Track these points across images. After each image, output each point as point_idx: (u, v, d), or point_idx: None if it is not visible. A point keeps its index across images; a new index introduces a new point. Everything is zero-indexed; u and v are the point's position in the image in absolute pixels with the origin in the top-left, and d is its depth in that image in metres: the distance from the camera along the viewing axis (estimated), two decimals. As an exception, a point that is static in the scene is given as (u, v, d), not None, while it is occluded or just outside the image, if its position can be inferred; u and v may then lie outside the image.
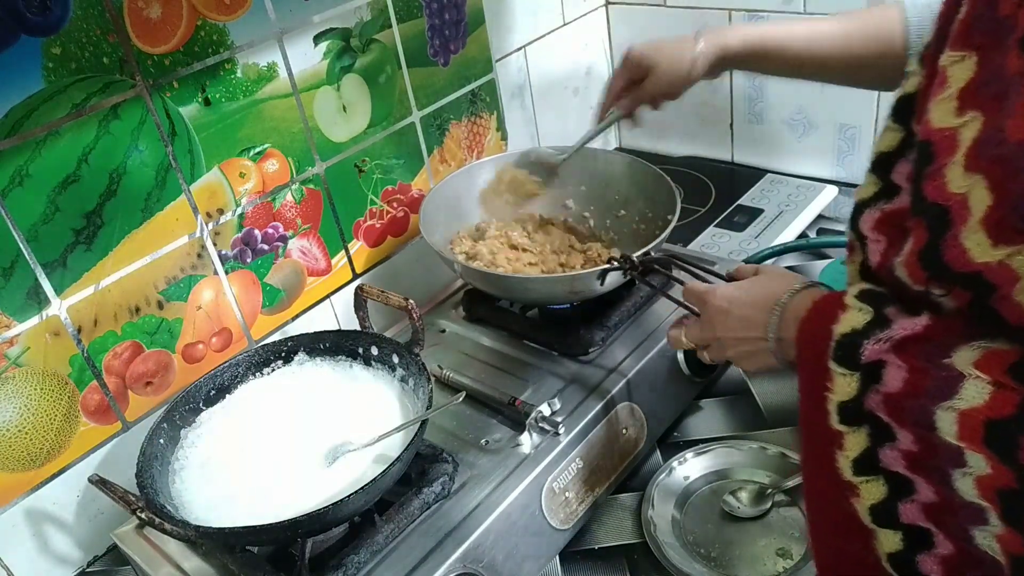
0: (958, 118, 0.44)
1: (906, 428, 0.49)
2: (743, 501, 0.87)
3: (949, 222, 0.44)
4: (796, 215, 1.27)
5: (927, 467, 0.48)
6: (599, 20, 1.47)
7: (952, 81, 0.45)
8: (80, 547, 0.94)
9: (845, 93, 1.26)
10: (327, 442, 0.81)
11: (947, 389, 0.45)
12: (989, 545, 0.46)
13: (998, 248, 0.42)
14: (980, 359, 0.45)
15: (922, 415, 0.47)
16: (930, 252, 0.46)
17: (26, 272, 0.82)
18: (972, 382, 0.45)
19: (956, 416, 0.45)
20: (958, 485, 0.46)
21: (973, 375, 0.45)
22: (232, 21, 0.91)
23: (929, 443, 0.47)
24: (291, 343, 0.91)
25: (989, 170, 0.42)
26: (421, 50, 1.13)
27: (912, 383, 0.47)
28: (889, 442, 0.50)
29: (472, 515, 0.77)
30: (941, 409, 0.46)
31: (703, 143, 1.49)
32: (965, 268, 0.43)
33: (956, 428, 0.45)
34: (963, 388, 0.45)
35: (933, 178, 0.45)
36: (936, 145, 0.45)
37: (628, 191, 1.12)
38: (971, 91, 0.44)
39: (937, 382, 0.46)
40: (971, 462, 0.45)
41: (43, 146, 0.80)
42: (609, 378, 0.90)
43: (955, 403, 0.45)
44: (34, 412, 0.85)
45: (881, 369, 0.49)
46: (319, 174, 1.06)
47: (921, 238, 0.46)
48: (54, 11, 0.78)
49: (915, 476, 0.49)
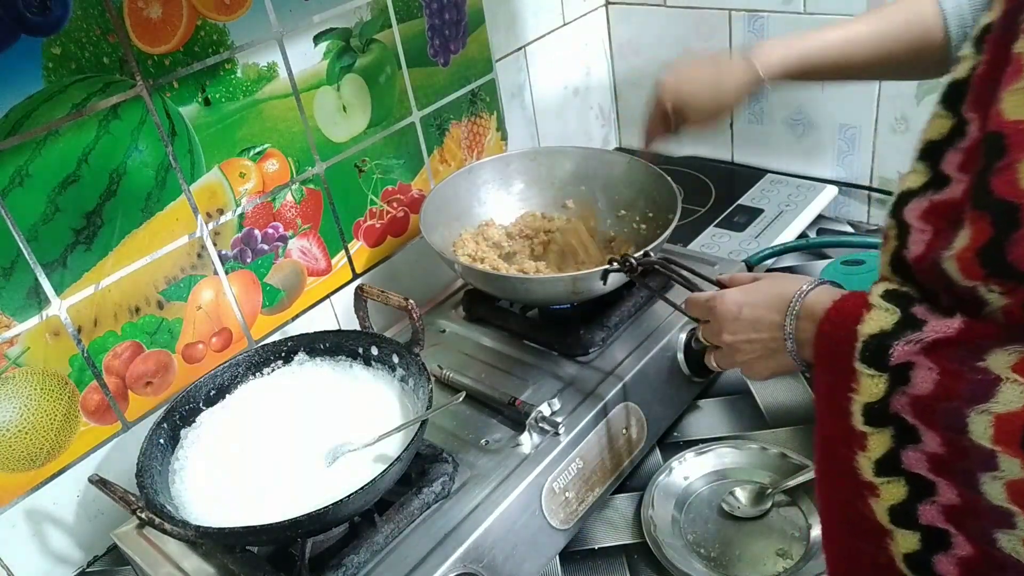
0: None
1: (934, 430, 0.48)
2: (743, 501, 0.87)
3: (1018, 221, 0.42)
4: (796, 215, 1.27)
5: (952, 470, 0.48)
6: (599, 20, 1.47)
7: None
8: (80, 547, 0.94)
9: (845, 93, 1.27)
10: (327, 442, 0.81)
11: (982, 392, 0.45)
12: (1014, 548, 0.46)
13: None
14: (1018, 363, 0.44)
15: (954, 418, 0.46)
16: (993, 249, 0.44)
17: (26, 272, 0.82)
18: (1009, 386, 0.44)
19: (992, 419, 0.44)
20: (985, 489, 0.46)
21: (1011, 379, 0.44)
22: (232, 21, 0.91)
23: (958, 446, 0.47)
24: (291, 343, 0.91)
25: None
26: (421, 50, 1.13)
27: (944, 385, 0.47)
28: (913, 444, 0.49)
29: (472, 515, 0.77)
30: (975, 412, 0.45)
31: (703, 143, 1.49)
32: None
33: (992, 432, 0.44)
34: (1000, 392, 0.44)
35: (1003, 173, 0.43)
36: (1009, 138, 0.43)
37: (628, 191, 1.12)
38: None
39: (972, 385, 0.45)
40: (1004, 466, 0.44)
41: (43, 146, 0.80)
42: (609, 378, 0.90)
43: (991, 407, 0.44)
44: (34, 412, 0.85)
45: (909, 371, 0.48)
46: (319, 174, 1.06)
47: (984, 233, 0.45)
48: (54, 11, 0.78)
49: (938, 479, 0.49)
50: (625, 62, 1.51)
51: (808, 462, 0.88)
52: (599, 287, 0.92)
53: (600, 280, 0.89)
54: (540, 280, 0.97)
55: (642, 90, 1.52)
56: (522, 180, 1.17)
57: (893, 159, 1.27)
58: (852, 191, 1.33)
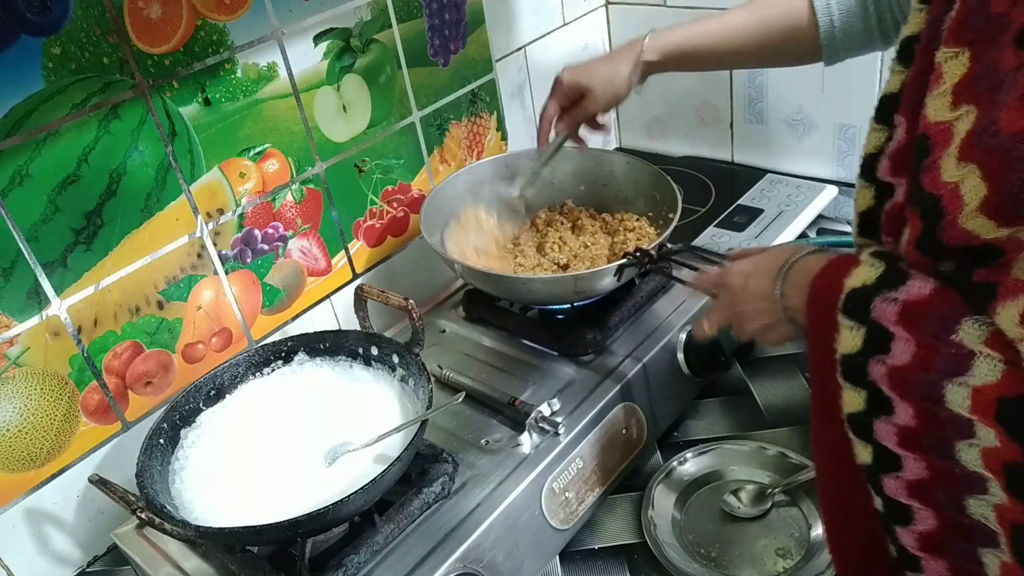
0: (952, 112, 0.46)
1: (908, 402, 0.49)
2: (743, 501, 0.87)
3: (941, 210, 0.46)
4: (796, 215, 1.27)
5: (922, 444, 0.49)
6: (599, 20, 1.47)
7: (947, 76, 0.47)
8: (80, 547, 0.94)
9: (845, 93, 1.27)
10: (327, 442, 0.81)
11: (958, 366, 0.46)
12: (983, 514, 0.47)
13: (1003, 228, 0.43)
14: (989, 336, 0.45)
15: (931, 389, 0.48)
16: (926, 238, 0.47)
17: (26, 272, 0.82)
18: (983, 360, 0.45)
19: (969, 391, 0.46)
20: (961, 455, 0.47)
21: (984, 353, 0.45)
22: (232, 21, 0.91)
23: (934, 417, 0.48)
24: (291, 343, 0.91)
25: (983, 160, 0.43)
26: (421, 50, 1.13)
27: (921, 357, 0.48)
28: (885, 415, 0.51)
29: (472, 515, 0.77)
30: (953, 384, 0.47)
31: (703, 143, 1.49)
32: (972, 243, 0.45)
33: (969, 402, 0.46)
34: (975, 365, 0.46)
35: (929, 170, 0.47)
36: (932, 138, 0.47)
37: (628, 191, 1.12)
38: (965, 86, 0.46)
39: (947, 359, 0.47)
40: (980, 434, 0.46)
41: (43, 146, 0.80)
42: (609, 378, 0.90)
43: (968, 379, 0.46)
44: (34, 412, 0.85)
45: (889, 341, 0.49)
46: (319, 174, 1.06)
47: (916, 228, 0.48)
48: (54, 11, 0.78)
49: (905, 453, 0.50)
50: (625, 62, 1.51)
51: (808, 462, 0.88)
52: (601, 286, 0.92)
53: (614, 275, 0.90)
54: (543, 280, 0.97)
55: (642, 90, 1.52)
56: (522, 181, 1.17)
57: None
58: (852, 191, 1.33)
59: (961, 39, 0.47)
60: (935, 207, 0.46)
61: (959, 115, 0.46)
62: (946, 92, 0.47)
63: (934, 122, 0.47)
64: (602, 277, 0.92)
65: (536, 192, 1.10)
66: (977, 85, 0.45)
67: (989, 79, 0.45)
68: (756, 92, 1.37)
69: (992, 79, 0.44)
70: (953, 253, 0.47)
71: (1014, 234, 0.43)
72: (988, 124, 0.43)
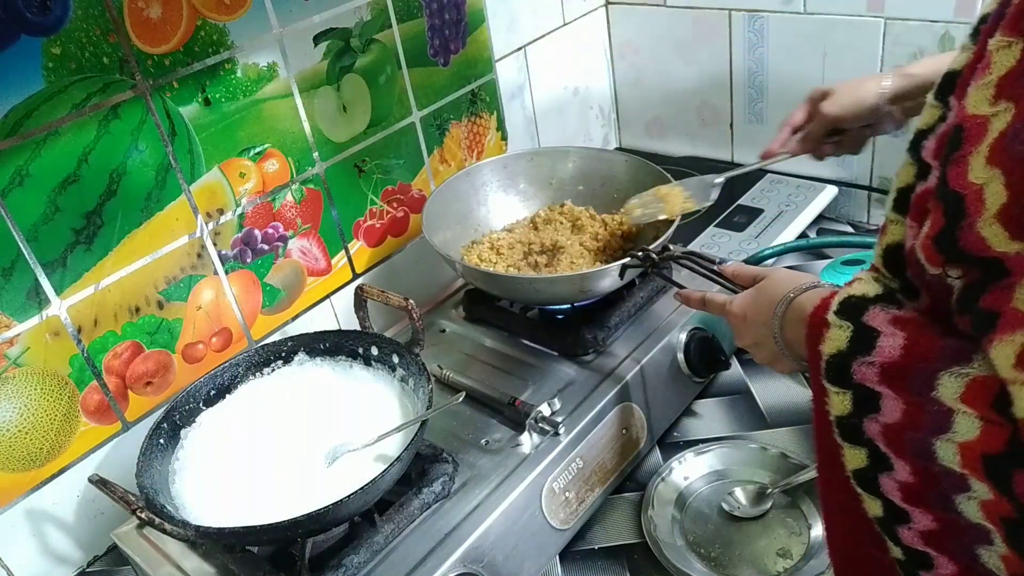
0: (992, 107, 0.43)
1: (904, 459, 0.49)
2: (743, 501, 0.87)
3: (964, 211, 0.43)
4: (796, 215, 1.27)
5: (925, 498, 0.49)
6: (599, 20, 1.47)
7: (995, 67, 0.43)
8: (80, 547, 0.94)
9: (845, 93, 1.26)
10: (327, 442, 0.81)
11: (942, 424, 0.46)
12: (995, 564, 0.47)
13: (1013, 242, 0.41)
14: (965, 392, 0.44)
15: (922, 446, 0.47)
16: (946, 236, 0.45)
17: (26, 272, 0.82)
18: (962, 417, 0.45)
19: (956, 447, 0.45)
20: (963, 508, 0.46)
21: (961, 410, 0.45)
22: (232, 21, 0.91)
23: (929, 473, 0.47)
24: (291, 343, 0.91)
25: (1008, 167, 0.41)
26: (421, 50, 1.13)
27: (910, 415, 0.48)
28: (887, 471, 0.50)
29: (472, 515, 0.77)
30: (941, 440, 0.46)
31: (703, 143, 1.49)
32: (984, 253, 0.43)
33: (958, 458, 0.45)
34: (955, 423, 0.45)
35: (957, 164, 0.44)
36: (967, 131, 0.44)
37: (629, 190, 1.12)
38: (1010, 80, 0.43)
39: (932, 416, 0.46)
40: (974, 487, 0.45)
41: (43, 146, 0.80)
42: (609, 378, 0.90)
43: (952, 436, 0.45)
44: (34, 412, 0.85)
45: (878, 400, 0.49)
46: (319, 174, 1.06)
47: (938, 222, 0.46)
48: (54, 11, 0.77)
49: (911, 508, 0.50)
50: (625, 62, 1.51)
51: (808, 462, 0.88)
52: (603, 286, 0.92)
53: (618, 275, 0.90)
54: (547, 279, 0.97)
55: (642, 90, 1.52)
56: (524, 180, 1.18)
57: (893, 159, 1.27)
58: (852, 191, 1.33)
59: (1017, 28, 0.43)
60: (959, 206, 0.44)
61: (997, 111, 0.43)
62: (990, 84, 0.43)
63: (972, 114, 0.44)
64: (604, 277, 0.92)
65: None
66: (1021, 81, 0.42)
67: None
68: (756, 92, 1.37)
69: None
70: (965, 260, 0.45)
71: (1023, 251, 0.41)
72: (1020, 128, 0.41)
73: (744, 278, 0.74)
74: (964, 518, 0.47)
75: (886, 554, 0.53)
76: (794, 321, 0.63)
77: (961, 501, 0.46)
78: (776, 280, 0.68)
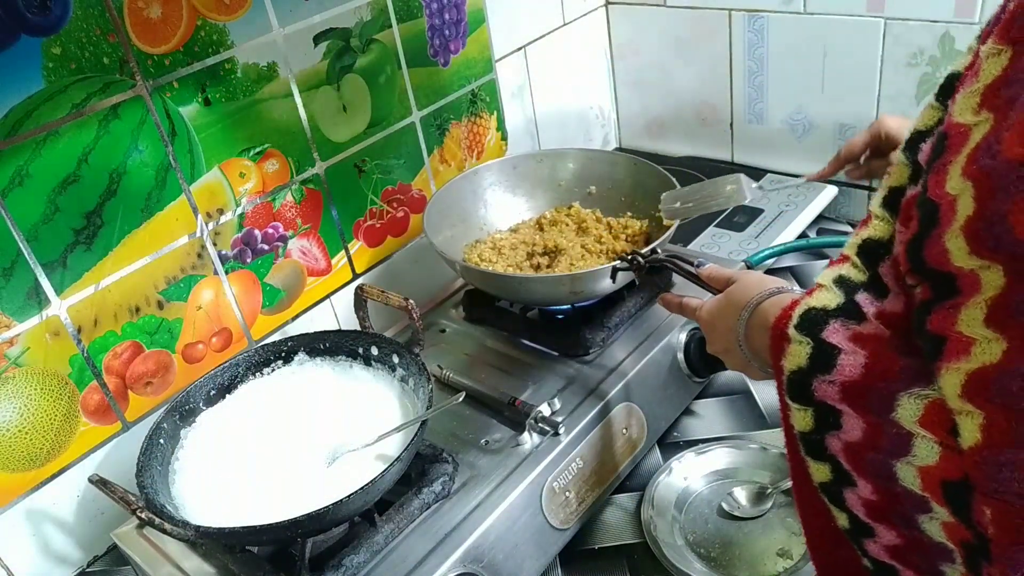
0: (975, 116, 0.42)
1: (865, 478, 0.49)
2: (743, 501, 0.87)
3: (937, 221, 0.43)
4: (796, 215, 1.27)
5: (887, 515, 0.49)
6: (599, 20, 1.47)
7: (983, 75, 0.43)
8: (80, 547, 0.94)
9: (845, 93, 1.27)
10: (327, 442, 0.81)
11: (902, 447, 0.45)
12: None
13: (972, 257, 0.41)
14: (923, 416, 0.44)
15: (882, 467, 0.47)
16: (915, 245, 0.45)
17: (26, 272, 0.82)
18: (921, 441, 0.44)
19: (916, 471, 0.45)
20: (925, 527, 0.46)
21: (920, 434, 0.44)
22: (232, 21, 0.91)
23: (891, 492, 0.47)
24: (291, 343, 0.91)
25: (977, 179, 0.41)
26: (421, 50, 1.13)
27: (870, 436, 0.48)
28: (850, 487, 0.50)
29: (472, 515, 0.77)
30: (901, 463, 0.46)
31: (703, 143, 1.49)
32: (942, 267, 0.43)
33: (919, 481, 0.45)
34: (915, 447, 0.45)
35: (938, 172, 0.44)
36: (950, 139, 0.44)
37: (633, 192, 1.12)
38: (994, 89, 0.42)
39: (891, 439, 0.46)
40: (936, 510, 0.45)
41: (43, 146, 0.80)
42: (609, 378, 0.90)
43: (912, 460, 0.45)
44: (34, 412, 0.85)
45: (839, 417, 0.49)
46: (319, 174, 1.06)
47: (913, 230, 0.46)
48: (54, 11, 0.78)
49: (875, 524, 0.50)
50: (625, 62, 1.51)
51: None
52: (599, 287, 0.92)
53: (609, 278, 0.90)
54: (540, 280, 0.97)
55: (642, 90, 1.52)
56: (526, 182, 1.17)
57: (893, 159, 1.26)
58: (852, 191, 1.33)
59: (1007, 36, 0.42)
60: (933, 216, 0.43)
61: (979, 121, 0.42)
62: (976, 92, 0.43)
63: (956, 122, 0.43)
64: (598, 278, 0.91)
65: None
66: (1002, 92, 0.42)
67: (1015, 87, 0.41)
68: (756, 92, 1.37)
69: (1016, 88, 0.41)
70: (923, 272, 0.45)
71: (977, 270, 0.40)
72: (994, 141, 0.40)
73: (718, 281, 0.73)
74: (927, 536, 0.47)
75: (860, 557, 0.53)
76: (758, 328, 0.62)
77: (924, 521, 0.46)
78: (743, 285, 0.67)
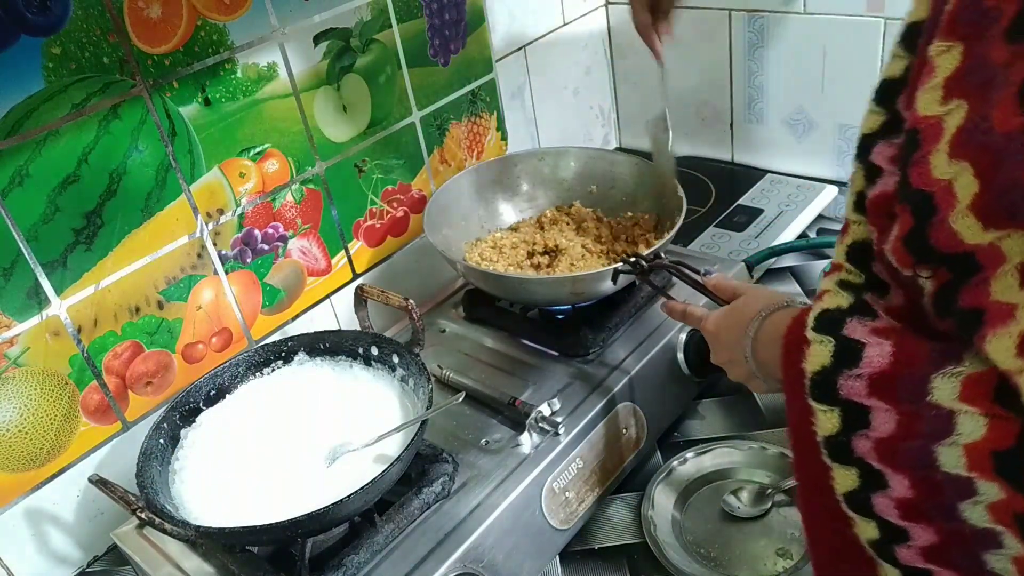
0: (943, 106, 0.45)
1: (901, 473, 0.48)
2: (743, 501, 0.87)
3: (934, 207, 0.44)
4: (796, 215, 1.27)
5: (925, 512, 0.48)
6: (599, 20, 1.47)
7: (939, 71, 0.46)
8: (80, 547, 0.94)
9: (845, 93, 1.27)
10: (327, 442, 0.81)
11: (943, 428, 0.45)
12: (1004, 568, 0.46)
13: (988, 231, 0.42)
14: (963, 391, 0.44)
15: (922, 455, 0.46)
16: (915, 236, 0.46)
17: (26, 272, 0.82)
18: (965, 417, 0.44)
19: (961, 450, 0.45)
20: (967, 515, 0.46)
21: (963, 410, 0.44)
22: (232, 21, 0.91)
23: (930, 483, 0.47)
24: (291, 343, 0.91)
25: (975, 157, 0.42)
26: (421, 50, 1.13)
27: (904, 425, 0.47)
28: (881, 489, 0.49)
29: (472, 515, 0.77)
30: (943, 446, 0.45)
31: (703, 143, 1.49)
32: (956, 249, 0.43)
33: (964, 460, 0.45)
34: (958, 424, 0.44)
35: (918, 165, 0.46)
36: (922, 132, 0.46)
37: (635, 192, 1.12)
38: (956, 80, 0.45)
39: (930, 423, 0.46)
40: (982, 490, 0.45)
41: (43, 146, 0.80)
42: (609, 378, 0.90)
43: (956, 439, 0.45)
44: (34, 412, 0.85)
45: (868, 415, 0.49)
46: (319, 174, 1.06)
47: (907, 224, 0.47)
48: (54, 11, 0.78)
49: (910, 524, 0.49)
50: (625, 62, 1.51)
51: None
52: (600, 288, 0.92)
53: (610, 280, 0.90)
54: (541, 280, 0.97)
55: (642, 90, 1.52)
56: (527, 181, 1.18)
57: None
58: (852, 191, 1.33)
59: (954, 33, 0.46)
60: (928, 204, 0.45)
61: (949, 109, 0.45)
62: (937, 86, 0.46)
63: (924, 116, 0.46)
64: (599, 280, 0.92)
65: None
66: (968, 79, 0.44)
67: (980, 74, 0.44)
68: (756, 92, 1.37)
69: (983, 74, 0.44)
70: (935, 258, 0.45)
71: (996, 241, 0.41)
72: (980, 121, 0.43)
73: (724, 292, 0.74)
74: (969, 525, 0.46)
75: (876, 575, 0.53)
76: (767, 342, 0.63)
77: (966, 508, 0.46)
78: (751, 298, 0.68)
